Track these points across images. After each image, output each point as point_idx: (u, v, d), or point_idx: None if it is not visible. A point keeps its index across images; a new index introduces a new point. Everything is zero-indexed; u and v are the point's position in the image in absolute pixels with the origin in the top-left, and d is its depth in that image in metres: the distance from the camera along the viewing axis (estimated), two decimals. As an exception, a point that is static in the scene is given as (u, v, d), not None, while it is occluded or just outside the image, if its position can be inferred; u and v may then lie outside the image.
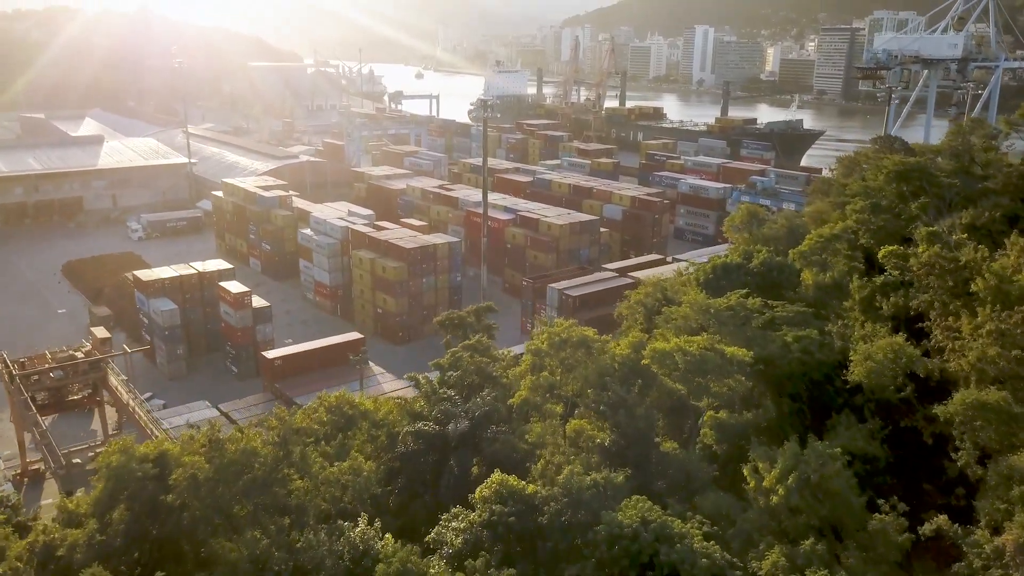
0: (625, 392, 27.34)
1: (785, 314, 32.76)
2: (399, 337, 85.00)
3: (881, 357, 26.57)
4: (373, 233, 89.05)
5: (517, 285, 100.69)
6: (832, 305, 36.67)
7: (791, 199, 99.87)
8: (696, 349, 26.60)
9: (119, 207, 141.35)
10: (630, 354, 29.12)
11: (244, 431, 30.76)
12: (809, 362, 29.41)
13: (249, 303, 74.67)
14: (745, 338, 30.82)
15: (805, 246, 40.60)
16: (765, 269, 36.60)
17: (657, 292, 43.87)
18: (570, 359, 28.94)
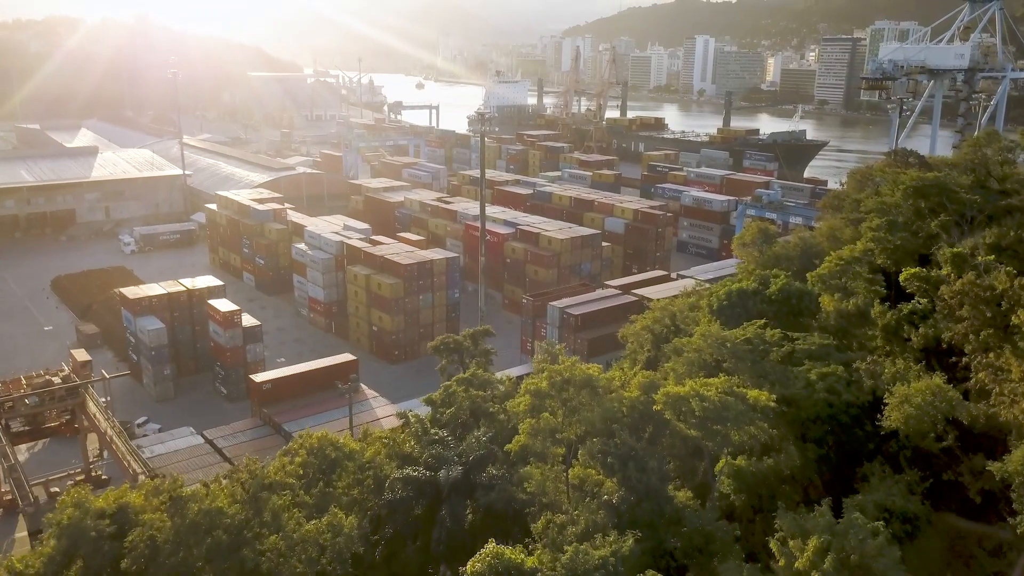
0: (635, 441, 24.70)
1: (807, 347, 30.12)
2: (395, 356, 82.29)
3: (920, 401, 23.94)
4: (368, 248, 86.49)
5: (517, 301, 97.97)
6: (856, 334, 34.00)
7: (798, 212, 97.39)
8: (715, 394, 23.98)
9: (112, 220, 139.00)
10: (640, 396, 26.50)
11: (209, 485, 28.03)
12: (836, 403, 26.76)
13: (239, 322, 72.01)
14: (764, 374, 28.16)
15: (824, 269, 37.95)
16: (784, 296, 33.98)
17: (666, 318, 41.20)
18: (573, 400, 26.33)
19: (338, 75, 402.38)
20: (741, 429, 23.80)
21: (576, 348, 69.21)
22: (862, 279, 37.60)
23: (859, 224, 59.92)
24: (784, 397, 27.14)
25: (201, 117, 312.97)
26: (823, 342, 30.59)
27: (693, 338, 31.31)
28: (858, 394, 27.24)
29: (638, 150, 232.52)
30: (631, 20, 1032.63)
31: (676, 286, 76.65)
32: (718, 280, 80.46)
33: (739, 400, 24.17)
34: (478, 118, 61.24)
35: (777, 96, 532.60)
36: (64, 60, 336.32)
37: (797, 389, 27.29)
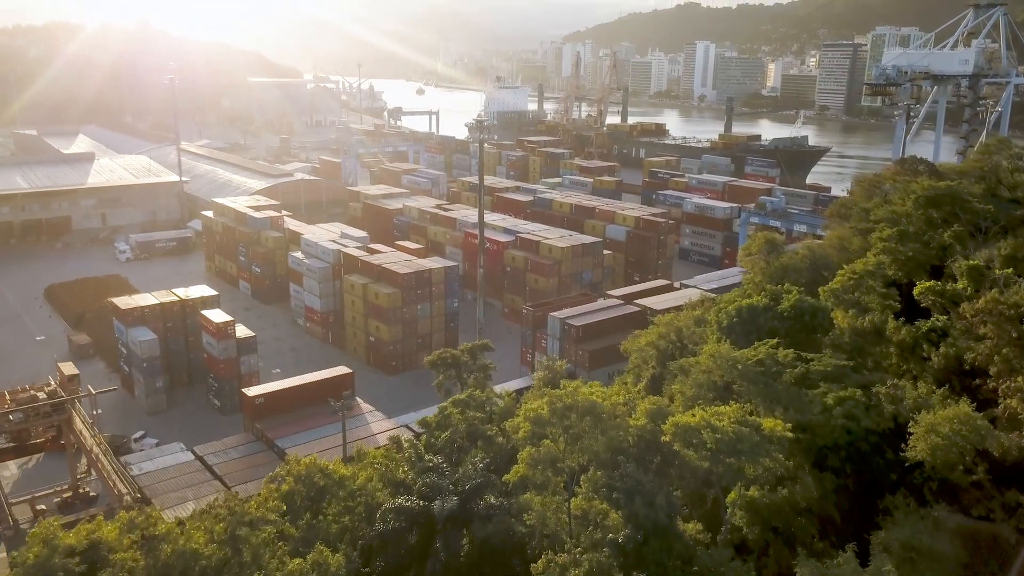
0: (641, 474, 23.11)
1: (822, 368, 28.55)
2: (392, 367, 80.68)
3: (947, 431, 22.39)
4: (366, 257, 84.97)
5: (517, 310, 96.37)
6: (871, 352, 32.41)
7: (802, 220, 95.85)
8: (727, 424, 22.40)
9: (108, 227, 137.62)
10: (647, 425, 24.93)
11: (185, 523, 26.39)
12: (855, 430, 25.18)
13: (232, 333, 70.43)
14: (777, 398, 26.60)
15: (837, 283, 36.38)
16: (796, 313, 32.41)
17: (671, 333, 39.61)
18: (575, 428, 24.77)
19: (338, 81, 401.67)
20: (755, 462, 22.23)
21: (577, 360, 67.68)
22: (876, 294, 36.01)
23: (868, 234, 58.39)
24: (799, 423, 25.55)
25: (201, 123, 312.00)
26: (839, 363, 29.02)
27: (701, 358, 29.74)
28: (878, 420, 25.66)
29: (639, 156, 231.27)
30: (631, 26, 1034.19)
31: (679, 296, 75.08)
32: (722, 290, 79.14)
33: (753, 431, 22.61)
34: (477, 125, 59.39)
35: (778, 102, 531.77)
36: (64, 66, 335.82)
37: (813, 415, 25.72)
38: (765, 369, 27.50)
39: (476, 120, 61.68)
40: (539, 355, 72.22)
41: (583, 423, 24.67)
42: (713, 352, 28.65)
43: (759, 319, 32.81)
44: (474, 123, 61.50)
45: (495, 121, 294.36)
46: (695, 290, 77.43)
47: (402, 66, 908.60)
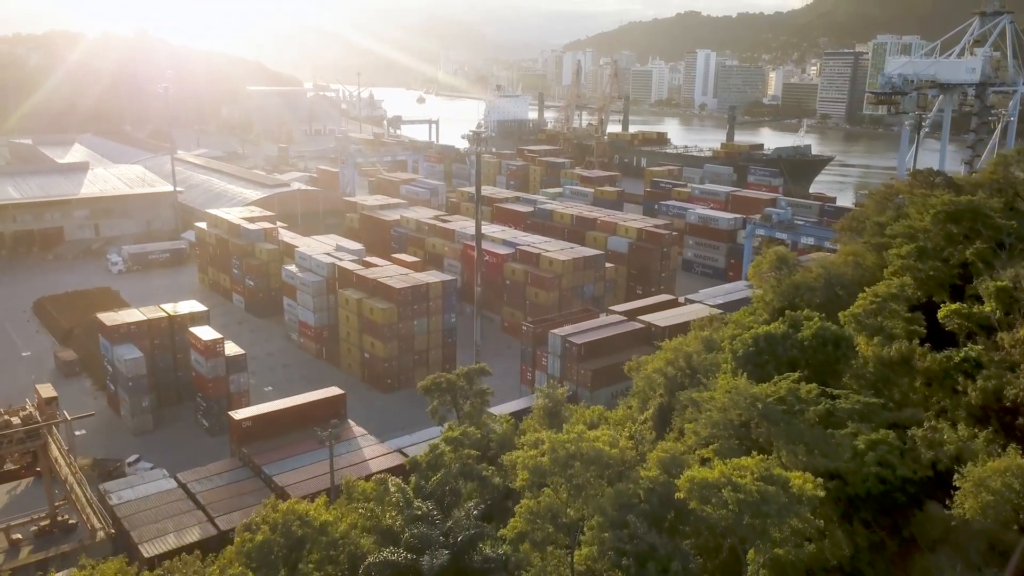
0: (654, 536, 20.62)
1: (848, 405, 26.06)
2: (387, 385, 78.09)
3: (998, 485, 19.93)
4: (361, 270, 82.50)
5: (516, 325, 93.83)
6: (899, 384, 29.89)
7: (809, 232, 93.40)
8: (750, 481, 19.89)
9: (102, 238, 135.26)
10: (659, 477, 22.41)
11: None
12: (890, 479, 22.71)
13: (221, 351, 67.89)
14: (802, 439, 24.09)
15: (858, 307, 33.88)
16: (819, 343, 29.92)
17: (680, 359, 37.07)
18: (579, 478, 22.29)
19: (338, 89, 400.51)
20: (782, 522, 19.75)
21: (579, 379, 65.15)
22: (900, 318, 33.49)
23: (883, 250, 55.89)
24: (827, 469, 23.05)
25: (200, 132, 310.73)
26: (867, 400, 26.49)
27: (716, 393, 27.24)
28: (915, 467, 23.18)
29: (640, 165, 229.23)
30: (632, 34, 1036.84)
31: (685, 312, 72.66)
32: (729, 306, 76.64)
33: (780, 489, 20.10)
34: (474, 137, 56.94)
35: (779, 110, 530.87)
36: (64, 75, 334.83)
37: (843, 461, 23.21)
38: (787, 407, 25.00)
39: (473, 132, 59.08)
40: (539, 373, 69.74)
41: (588, 473, 22.21)
42: (730, 387, 26.16)
43: (777, 348, 30.32)
44: (471, 134, 58.93)
45: (494, 132, 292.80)
46: (701, 306, 75.04)
47: (402, 74, 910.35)
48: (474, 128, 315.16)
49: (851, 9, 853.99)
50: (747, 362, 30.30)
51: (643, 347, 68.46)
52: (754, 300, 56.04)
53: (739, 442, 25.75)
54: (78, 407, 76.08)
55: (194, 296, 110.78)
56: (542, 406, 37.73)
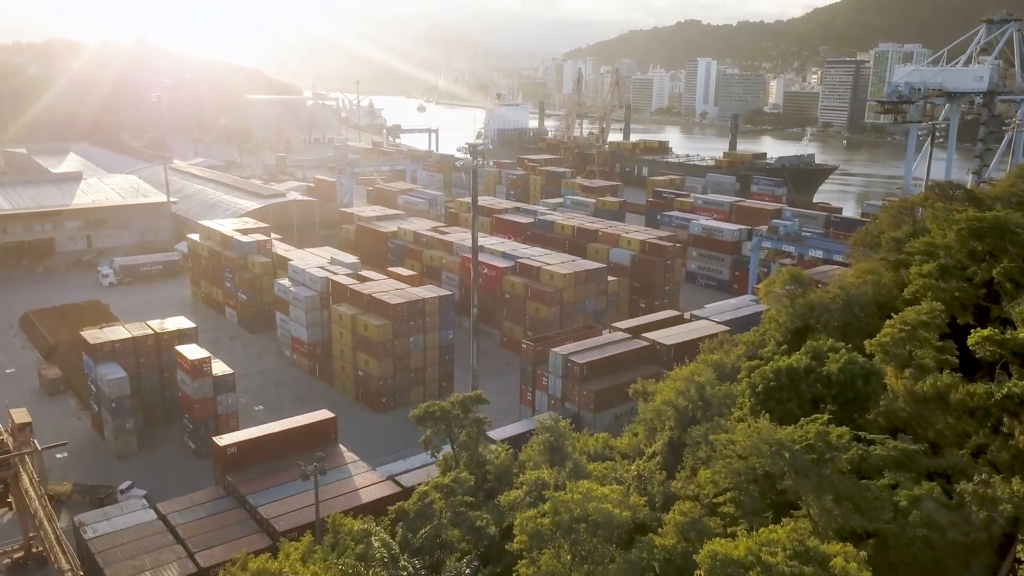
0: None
1: (884, 452, 23.37)
2: (382, 404, 75.28)
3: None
4: (355, 285, 79.82)
5: (516, 340, 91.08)
6: (933, 422, 27.19)
7: (818, 245, 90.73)
8: (782, 560, 17.13)
9: (94, 249, 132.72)
10: (676, 546, 19.74)
11: None
12: (939, 546, 19.96)
13: (208, 371, 65.15)
14: (834, 491, 21.41)
15: (887, 335, 31.19)
16: (847, 378, 27.25)
17: (691, 389, 34.33)
18: (586, 544, 19.65)
19: (338, 97, 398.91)
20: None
21: (582, 401, 62.40)
22: (931, 347, 30.78)
23: (902, 268, 53.25)
24: (864, 529, 20.35)
25: (199, 140, 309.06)
26: (905, 447, 23.79)
27: (736, 435, 24.53)
28: (967, 530, 20.46)
29: (642, 174, 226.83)
30: (632, 43, 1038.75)
31: (691, 329, 69.98)
32: (736, 322, 73.91)
33: (818, 569, 17.33)
34: (471, 150, 54.21)
35: (780, 119, 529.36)
36: (63, 83, 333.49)
37: (883, 521, 20.50)
38: (817, 455, 22.30)
39: (469, 144, 56.42)
40: (540, 393, 66.98)
41: (595, 538, 19.55)
42: (752, 431, 23.46)
43: (800, 384, 27.62)
44: (467, 147, 56.26)
45: (493, 142, 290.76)
46: (707, 322, 72.33)
47: (403, 83, 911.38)
48: (474, 138, 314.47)
49: (851, 18, 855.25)
50: (767, 398, 27.62)
51: (648, 366, 65.80)
52: (765, 320, 53.37)
53: (761, 493, 23.06)
54: (61, 428, 73.57)
55: (186, 310, 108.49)
56: (543, 440, 35.00)
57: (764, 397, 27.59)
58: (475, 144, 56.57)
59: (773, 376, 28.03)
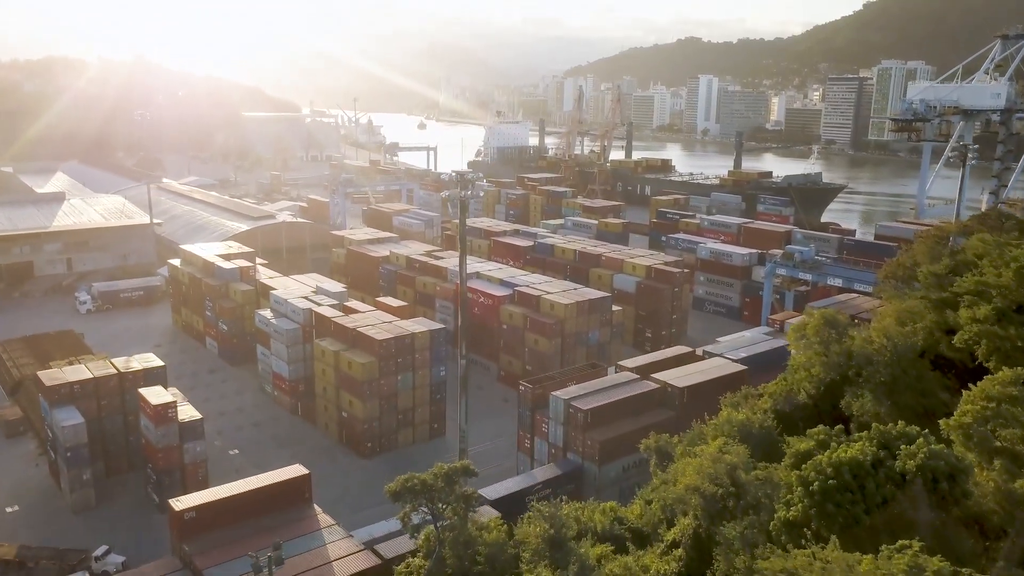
0: None
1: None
2: (367, 448, 69.11)
3: None
4: (339, 318, 73.94)
5: (514, 374, 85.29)
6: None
7: (836, 273, 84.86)
8: None
9: (74, 273, 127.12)
10: None
11: None
12: None
13: (174, 416, 59.15)
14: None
15: (966, 413, 25.26)
16: (927, 476, 21.39)
17: (720, 468, 28.35)
18: None
19: (337, 115, 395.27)
20: None
21: (585, 452, 56.26)
22: (1021, 425, 24.83)
23: (947, 309, 47.30)
24: None
25: (194, 158, 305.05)
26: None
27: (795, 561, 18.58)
28: None
29: (644, 193, 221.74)
30: (633, 60, 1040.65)
31: (705, 369, 63.94)
32: (754, 360, 67.91)
33: None
34: (459, 179, 48.32)
35: (783, 136, 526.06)
36: (58, 101, 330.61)
37: None
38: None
39: (456, 173, 50.54)
40: (539, 441, 60.83)
41: None
42: (819, 567, 17.57)
43: (868, 482, 21.73)
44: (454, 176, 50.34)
45: (493, 160, 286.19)
46: (721, 360, 66.31)
47: (405, 100, 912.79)
48: (473, 156, 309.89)
49: (851, 35, 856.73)
50: (825, 500, 21.73)
51: (658, 411, 59.80)
52: (793, 365, 47.34)
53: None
54: (16, 476, 67.44)
55: (166, 339, 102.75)
56: (542, 534, 29.02)
57: (821, 498, 21.74)
58: (463, 172, 50.53)
59: (832, 472, 22.16)
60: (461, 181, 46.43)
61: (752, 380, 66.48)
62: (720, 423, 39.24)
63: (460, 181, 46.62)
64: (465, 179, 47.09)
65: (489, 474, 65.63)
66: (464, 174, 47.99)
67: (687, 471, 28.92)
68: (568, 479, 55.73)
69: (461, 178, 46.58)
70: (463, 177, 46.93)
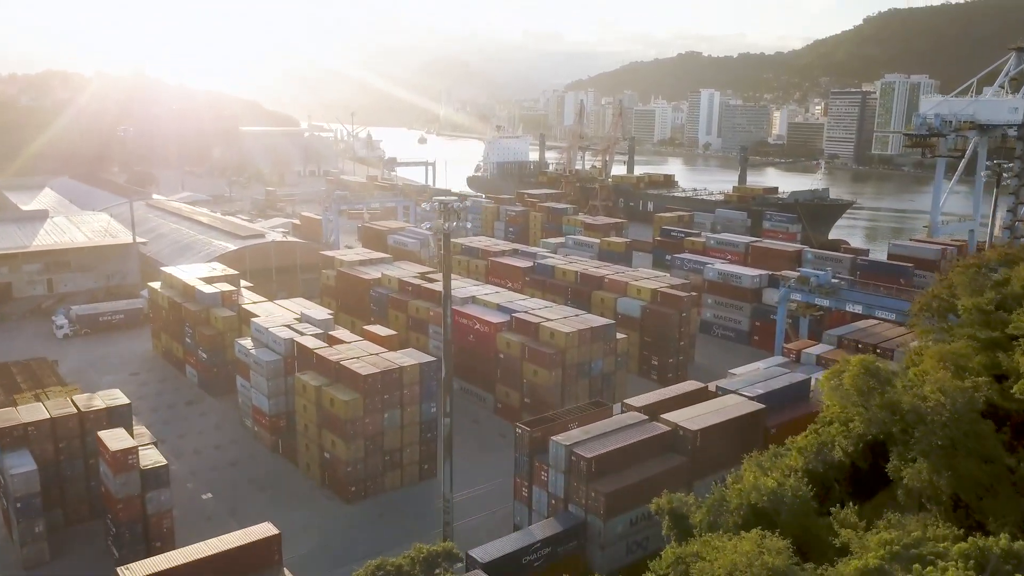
0: None
1: None
2: (351, 493, 63.52)
3: None
4: (323, 349, 68.56)
5: (512, 407, 79.91)
6: None
7: (856, 299, 79.45)
8: None
9: (55, 294, 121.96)
10: None
11: None
12: None
13: (135, 463, 53.64)
14: None
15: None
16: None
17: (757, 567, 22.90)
18: None
19: (336, 129, 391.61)
20: None
21: (589, 505, 50.61)
22: None
23: (998, 350, 41.96)
24: None
25: (189, 173, 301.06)
26: None
27: None
28: None
29: (647, 209, 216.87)
30: (633, 75, 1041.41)
31: (719, 408, 58.45)
32: (772, 397, 62.46)
33: None
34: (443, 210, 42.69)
35: (785, 150, 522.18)
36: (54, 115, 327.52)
37: None
38: None
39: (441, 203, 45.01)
40: (537, 490, 55.21)
41: None
42: None
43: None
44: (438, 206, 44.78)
45: (492, 175, 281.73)
46: (736, 398, 60.86)
47: (406, 114, 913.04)
48: (473, 171, 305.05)
49: (851, 49, 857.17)
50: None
51: (669, 456, 54.29)
52: (826, 415, 41.96)
53: None
54: None
55: (146, 366, 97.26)
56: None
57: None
58: (447, 202, 45.11)
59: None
60: (445, 212, 40.86)
61: (770, 419, 61.21)
62: (746, 490, 33.83)
63: (443, 212, 41.06)
64: (449, 209, 41.54)
65: (483, 524, 60.32)
66: (448, 203, 42.46)
67: (716, 571, 23.41)
68: (570, 535, 50.13)
69: (445, 208, 40.99)
70: (447, 208, 41.33)
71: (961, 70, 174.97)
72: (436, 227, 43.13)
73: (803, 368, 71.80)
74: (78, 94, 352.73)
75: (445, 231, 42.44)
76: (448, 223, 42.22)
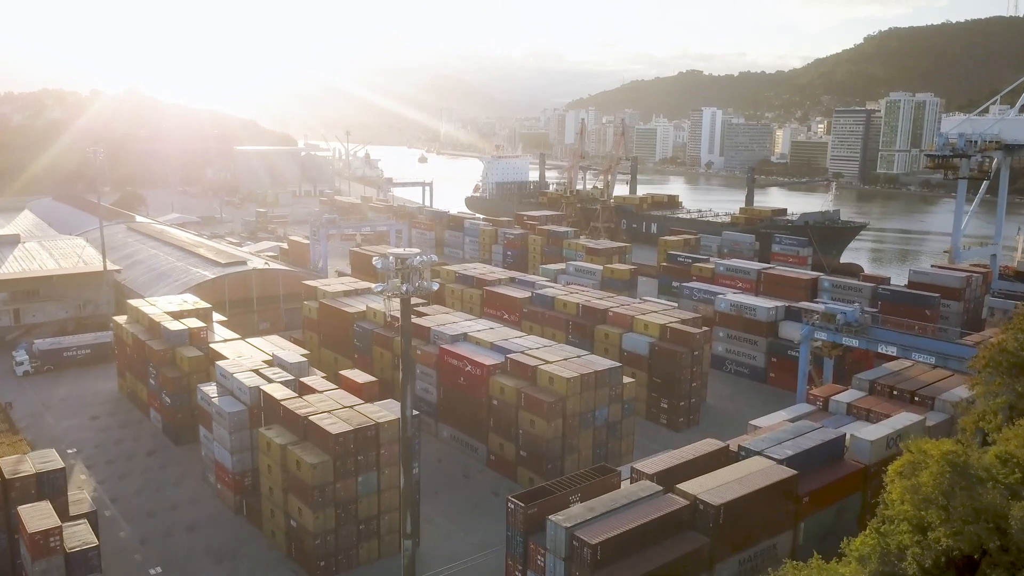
0: None
1: None
2: (320, 568, 55.16)
3: None
4: (290, 400, 60.54)
5: (506, 459, 71.76)
6: None
7: (889, 340, 71.32)
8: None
9: (22, 325, 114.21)
10: None
11: None
12: None
13: (58, 546, 45.45)
14: None
15: None
16: None
17: None
18: None
19: (333, 148, 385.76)
20: None
21: (593, 601, 42.29)
22: None
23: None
24: None
25: (182, 193, 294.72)
26: None
27: None
28: None
29: (651, 231, 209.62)
30: (634, 93, 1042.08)
31: (743, 475, 50.23)
32: (803, 460, 54.40)
33: None
34: (395, 269, 34.82)
35: (788, 169, 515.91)
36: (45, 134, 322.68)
37: None
38: None
39: (394, 258, 36.85)
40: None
41: None
42: None
43: None
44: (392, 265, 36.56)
45: (492, 195, 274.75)
46: (762, 460, 52.69)
47: (407, 132, 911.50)
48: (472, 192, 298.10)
49: (852, 68, 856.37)
50: None
51: (688, 536, 46.16)
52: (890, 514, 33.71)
53: None
54: None
55: (108, 409, 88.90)
56: None
57: None
58: (405, 256, 37.05)
59: None
60: (403, 271, 32.58)
61: (802, 485, 53.10)
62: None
63: (401, 270, 32.75)
64: (408, 268, 33.26)
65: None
66: (407, 259, 34.21)
67: None
68: (571, 638, 41.89)
69: (403, 266, 32.68)
70: (405, 265, 33.05)
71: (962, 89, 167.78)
72: (393, 288, 34.54)
73: (833, 419, 63.61)
74: (72, 113, 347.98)
75: (403, 295, 34.20)
76: (408, 285, 34.04)
